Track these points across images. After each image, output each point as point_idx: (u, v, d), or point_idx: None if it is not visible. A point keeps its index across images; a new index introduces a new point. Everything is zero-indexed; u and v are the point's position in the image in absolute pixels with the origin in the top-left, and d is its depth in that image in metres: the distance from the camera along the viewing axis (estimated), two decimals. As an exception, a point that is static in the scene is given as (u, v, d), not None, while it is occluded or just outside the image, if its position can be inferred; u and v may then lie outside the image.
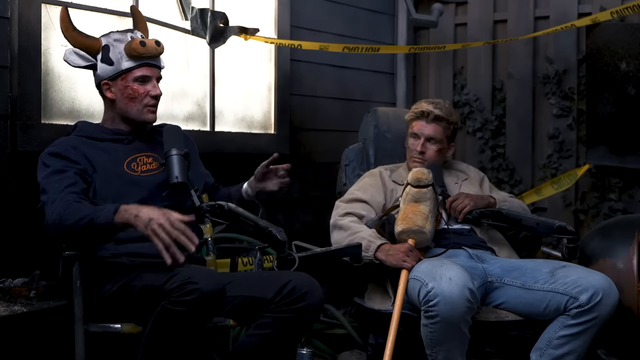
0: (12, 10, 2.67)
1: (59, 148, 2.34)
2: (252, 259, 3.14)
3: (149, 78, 2.40)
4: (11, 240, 2.66)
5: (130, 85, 2.38)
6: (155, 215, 2.05)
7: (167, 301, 2.05)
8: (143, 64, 2.39)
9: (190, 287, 2.03)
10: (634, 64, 3.80)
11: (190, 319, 2.06)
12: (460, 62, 4.51)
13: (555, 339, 2.40)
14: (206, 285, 2.04)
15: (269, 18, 3.76)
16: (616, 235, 2.86)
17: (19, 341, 2.31)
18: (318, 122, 4.01)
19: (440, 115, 2.87)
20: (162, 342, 2.11)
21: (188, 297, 2.02)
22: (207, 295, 2.04)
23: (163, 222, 2.03)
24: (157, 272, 2.15)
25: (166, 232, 2.03)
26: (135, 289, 2.19)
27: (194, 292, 2.02)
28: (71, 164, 2.30)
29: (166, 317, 2.07)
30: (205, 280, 2.05)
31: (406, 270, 2.48)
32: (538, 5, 4.26)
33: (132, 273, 2.22)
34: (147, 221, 2.05)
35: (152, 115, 2.43)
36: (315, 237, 3.27)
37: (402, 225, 2.55)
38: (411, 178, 2.60)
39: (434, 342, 2.36)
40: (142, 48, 2.36)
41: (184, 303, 2.03)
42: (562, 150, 4.16)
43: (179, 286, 2.04)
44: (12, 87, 2.68)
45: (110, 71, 2.38)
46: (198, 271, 2.12)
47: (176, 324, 2.07)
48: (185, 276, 2.06)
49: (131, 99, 2.39)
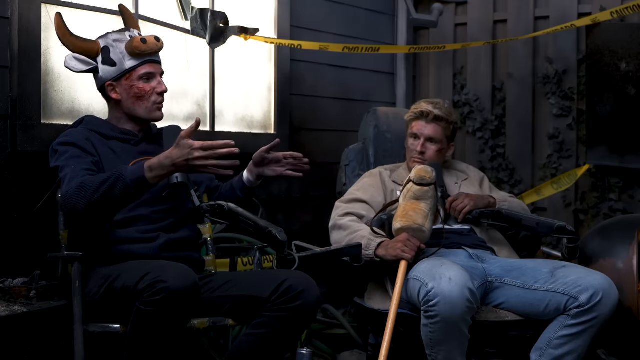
0: (12, 10, 2.67)
1: (73, 138, 2.34)
2: (252, 259, 3.13)
3: (153, 75, 2.41)
4: (11, 240, 2.65)
5: (136, 84, 2.38)
6: (186, 155, 2.08)
7: (140, 302, 2.04)
8: (146, 61, 2.39)
9: (159, 286, 2.01)
10: (634, 64, 3.80)
11: (162, 318, 2.04)
12: (460, 62, 4.51)
13: (555, 339, 2.40)
14: (175, 283, 2.01)
15: (269, 18, 3.76)
16: (616, 235, 2.86)
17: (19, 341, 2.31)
18: (318, 122, 4.01)
19: (439, 115, 2.87)
20: (142, 343, 2.10)
21: (157, 296, 2.01)
22: (176, 293, 2.01)
23: (197, 155, 2.07)
24: (132, 273, 2.13)
25: (207, 159, 2.08)
26: (115, 290, 2.18)
27: (163, 291, 2.00)
28: (87, 154, 2.31)
29: (140, 318, 2.06)
30: (175, 278, 2.03)
31: (405, 261, 2.48)
32: (538, 5, 4.26)
33: (114, 274, 2.21)
34: (186, 165, 2.10)
35: (159, 113, 2.45)
36: (315, 237, 3.26)
37: (402, 222, 2.54)
38: (414, 175, 2.59)
39: (434, 342, 2.36)
40: (144, 45, 2.36)
41: (154, 303, 2.01)
42: (562, 150, 4.16)
43: (149, 285, 2.03)
44: (12, 87, 2.68)
45: (113, 72, 2.38)
46: (169, 269, 2.08)
47: (151, 324, 2.06)
48: (156, 275, 2.03)
49: (138, 97, 2.39)
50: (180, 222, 2.43)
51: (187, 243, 2.44)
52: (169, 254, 2.33)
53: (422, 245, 2.53)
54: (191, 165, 2.10)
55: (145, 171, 2.11)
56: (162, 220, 2.38)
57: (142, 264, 2.19)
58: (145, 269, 2.09)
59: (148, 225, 2.35)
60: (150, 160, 2.12)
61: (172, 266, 2.10)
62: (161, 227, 2.37)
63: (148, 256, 2.29)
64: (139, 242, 2.33)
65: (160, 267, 2.10)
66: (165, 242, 2.35)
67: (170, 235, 2.38)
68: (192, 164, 2.09)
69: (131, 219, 2.34)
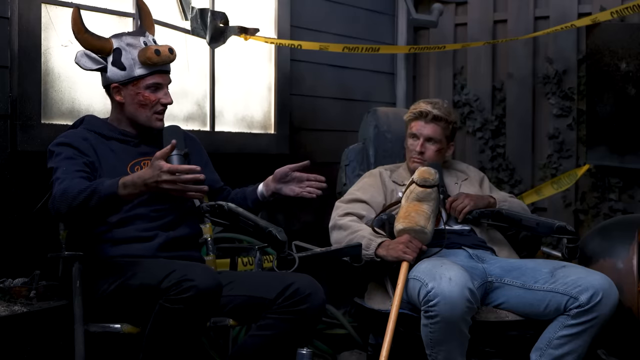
0: (12, 10, 2.67)
1: (70, 139, 2.35)
2: (252, 259, 3.14)
3: (160, 86, 2.40)
4: (11, 240, 2.66)
5: (142, 92, 2.37)
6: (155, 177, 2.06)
7: (165, 299, 2.05)
8: (156, 72, 2.38)
9: (187, 285, 2.02)
10: (634, 64, 3.80)
11: (188, 316, 2.06)
12: (460, 62, 4.50)
13: (555, 339, 2.40)
14: (203, 282, 2.03)
15: (269, 18, 3.76)
16: (616, 235, 2.86)
17: (19, 341, 2.31)
18: (318, 122, 4.01)
19: (438, 115, 2.87)
20: (164, 341, 2.11)
21: (185, 294, 2.02)
22: (204, 291, 2.03)
23: (165, 178, 2.06)
24: (152, 271, 2.14)
25: (174, 184, 2.07)
26: (132, 288, 2.19)
27: (191, 289, 2.02)
28: (81, 155, 2.31)
29: (165, 316, 2.06)
30: (202, 276, 2.05)
31: (406, 262, 2.48)
32: (538, 5, 4.26)
33: (128, 272, 2.22)
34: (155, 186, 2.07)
35: (160, 122, 2.43)
36: (315, 237, 3.26)
37: (404, 223, 2.54)
38: (417, 177, 2.58)
39: (434, 342, 2.36)
40: (157, 57, 2.34)
41: (182, 301, 2.02)
42: (562, 150, 4.16)
43: (176, 284, 2.04)
44: (12, 87, 2.68)
45: (121, 76, 2.37)
46: (194, 268, 2.12)
47: (175, 323, 2.07)
48: (182, 273, 2.05)
49: (142, 105, 2.38)
50: (179, 219, 2.43)
51: (186, 241, 2.44)
52: (167, 253, 2.33)
53: (423, 247, 2.54)
54: (160, 187, 2.08)
55: (119, 188, 2.10)
56: (161, 218, 2.38)
57: (162, 262, 2.21)
58: (168, 268, 2.10)
59: (147, 224, 2.35)
60: (125, 177, 2.12)
61: (197, 265, 2.14)
62: (160, 225, 2.37)
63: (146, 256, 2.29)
64: (138, 241, 2.33)
65: (185, 265, 2.13)
66: (164, 240, 2.35)
67: (169, 233, 2.38)
68: (161, 186, 2.07)
69: (130, 218, 2.34)
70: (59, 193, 2.16)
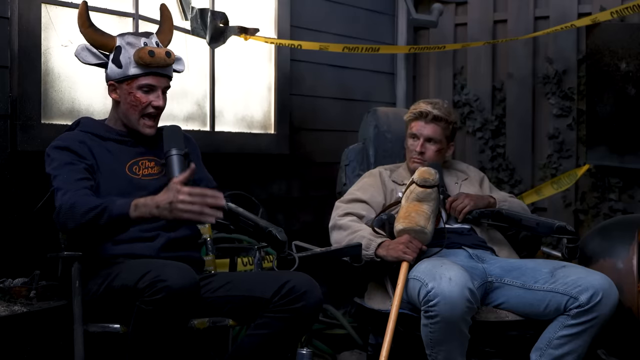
0: (12, 10, 2.67)
1: (67, 142, 2.33)
2: (252, 259, 3.14)
3: (154, 88, 2.36)
4: (11, 240, 2.66)
5: (134, 93, 2.35)
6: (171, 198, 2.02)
7: (140, 301, 2.04)
8: (150, 73, 2.34)
9: (160, 285, 2.00)
10: (634, 64, 3.80)
11: (163, 317, 2.03)
12: (460, 62, 4.51)
13: (555, 339, 2.40)
14: (176, 282, 2.01)
15: (269, 18, 3.76)
16: (616, 235, 2.86)
17: (19, 341, 2.31)
18: (318, 122, 4.01)
19: (438, 116, 2.87)
20: (144, 342, 2.09)
21: (157, 295, 2.00)
22: (177, 292, 2.01)
23: (182, 198, 2.01)
24: (132, 271, 2.12)
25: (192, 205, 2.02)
26: (115, 289, 2.18)
27: (163, 290, 1.99)
28: (80, 159, 2.29)
29: (142, 317, 2.05)
30: (175, 276, 2.02)
31: (406, 262, 2.48)
32: (538, 5, 4.26)
33: (113, 273, 2.20)
34: (169, 208, 2.03)
35: (149, 130, 2.39)
36: (315, 237, 3.26)
37: (404, 223, 2.54)
38: (418, 177, 2.59)
39: (434, 342, 2.36)
40: (150, 58, 2.31)
41: (154, 302, 2.01)
42: (562, 150, 4.16)
43: (149, 285, 2.02)
44: (12, 87, 2.68)
45: (117, 74, 2.36)
46: (169, 268, 2.07)
47: (152, 323, 2.05)
48: (156, 274, 2.03)
49: (132, 106, 2.36)
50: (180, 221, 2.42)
51: (186, 242, 2.44)
52: (168, 254, 2.33)
53: (423, 247, 2.54)
54: (174, 208, 2.03)
55: (130, 209, 2.08)
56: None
57: (142, 262, 2.18)
58: (145, 268, 2.08)
59: (148, 224, 2.35)
60: (138, 199, 2.08)
61: (172, 265, 2.09)
62: (160, 226, 2.37)
63: (148, 256, 2.29)
64: (139, 242, 2.32)
65: (161, 265, 2.09)
66: (165, 241, 2.35)
67: (170, 234, 2.37)
68: (175, 206, 2.03)
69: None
70: (66, 207, 2.13)
